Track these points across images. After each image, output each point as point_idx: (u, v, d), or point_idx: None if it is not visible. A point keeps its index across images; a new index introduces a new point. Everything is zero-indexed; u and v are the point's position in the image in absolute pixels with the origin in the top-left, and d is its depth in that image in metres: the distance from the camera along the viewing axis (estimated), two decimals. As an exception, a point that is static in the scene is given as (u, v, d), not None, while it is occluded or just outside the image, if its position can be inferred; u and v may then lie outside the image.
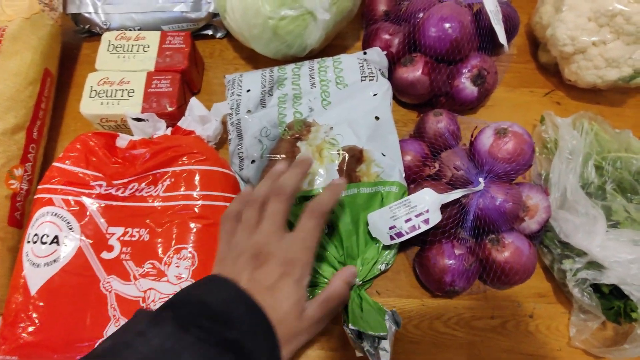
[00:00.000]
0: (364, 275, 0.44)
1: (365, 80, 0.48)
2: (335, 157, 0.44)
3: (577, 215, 0.46)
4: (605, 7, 0.49)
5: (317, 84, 0.48)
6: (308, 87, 0.48)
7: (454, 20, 0.50)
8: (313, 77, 0.49)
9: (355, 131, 0.46)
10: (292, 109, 0.47)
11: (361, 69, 0.49)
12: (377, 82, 0.48)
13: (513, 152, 0.45)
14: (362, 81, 0.48)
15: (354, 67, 0.49)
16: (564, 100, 0.60)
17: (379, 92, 0.47)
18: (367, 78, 0.48)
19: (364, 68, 0.49)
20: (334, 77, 0.48)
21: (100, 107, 0.50)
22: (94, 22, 0.58)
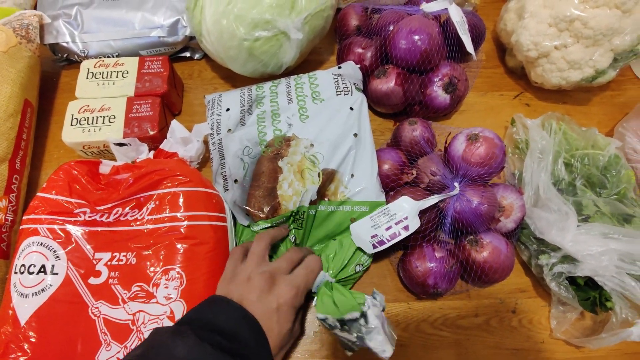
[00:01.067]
0: (337, 272, 0.46)
1: (341, 95, 0.50)
2: (316, 180, 0.46)
3: (550, 212, 0.48)
4: (563, 13, 0.52)
5: (294, 99, 0.50)
6: (285, 104, 0.49)
7: (423, 32, 0.53)
8: (290, 93, 0.50)
9: (333, 150, 0.48)
10: (271, 126, 0.48)
11: (336, 84, 0.50)
12: (352, 95, 0.49)
13: (485, 156, 0.47)
14: (338, 95, 0.50)
15: (329, 82, 0.51)
16: (533, 101, 0.63)
17: (355, 106, 0.49)
18: (342, 92, 0.50)
19: (339, 83, 0.51)
20: (310, 92, 0.50)
21: (82, 134, 0.51)
22: (72, 51, 0.58)
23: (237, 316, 0.37)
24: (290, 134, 0.49)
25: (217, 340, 0.33)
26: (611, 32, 0.51)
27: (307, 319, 0.49)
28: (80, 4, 0.57)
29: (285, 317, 0.39)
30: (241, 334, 0.35)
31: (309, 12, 0.50)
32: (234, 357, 0.33)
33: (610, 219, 0.48)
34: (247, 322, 0.36)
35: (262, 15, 0.48)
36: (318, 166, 0.47)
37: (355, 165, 0.48)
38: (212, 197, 0.45)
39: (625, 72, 0.66)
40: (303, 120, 0.48)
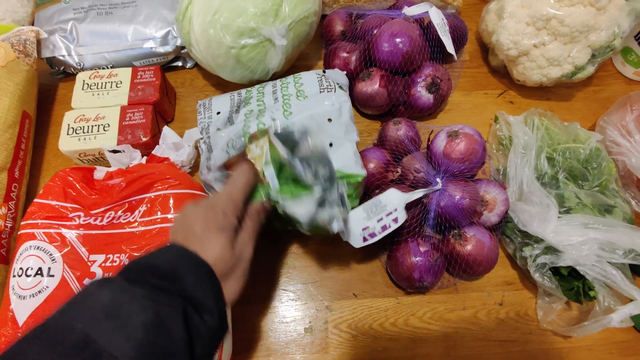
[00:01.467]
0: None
1: (324, 92, 0.50)
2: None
3: (533, 205, 0.49)
4: (540, 12, 0.53)
5: (279, 99, 0.51)
6: (272, 103, 0.50)
7: (404, 35, 0.54)
8: (276, 93, 0.52)
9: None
10: (255, 120, 0.49)
11: (320, 82, 0.51)
12: (335, 92, 0.50)
13: (465, 151, 0.48)
14: (321, 92, 0.50)
15: (312, 81, 0.52)
16: (517, 99, 0.64)
17: (335, 102, 0.50)
18: (325, 89, 0.51)
19: (322, 81, 0.52)
20: (294, 91, 0.51)
21: (78, 143, 0.53)
22: (68, 64, 0.61)
23: (175, 255, 0.33)
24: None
25: (151, 282, 0.30)
26: (587, 29, 0.53)
27: (297, 317, 0.50)
28: (75, 19, 0.60)
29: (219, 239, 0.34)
30: (179, 271, 0.32)
31: (293, 20, 0.52)
32: (169, 295, 0.30)
33: (592, 210, 0.49)
34: (185, 257, 0.33)
35: (247, 24, 0.50)
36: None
37: (332, 134, 0.48)
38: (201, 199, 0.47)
39: (607, 68, 0.67)
40: (287, 117, 0.49)
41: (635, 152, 0.53)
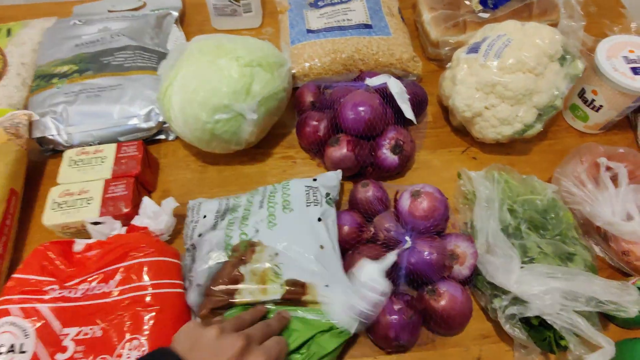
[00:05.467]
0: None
1: (310, 206, 0.52)
2: (278, 291, 0.47)
3: (497, 257, 0.51)
4: (485, 80, 0.59)
5: (264, 205, 0.53)
6: (257, 209, 0.53)
7: (365, 104, 0.60)
8: (262, 202, 0.54)
9: (299, 262, 0.49)
10: (238, 230, 0.50)
11: (307, 195, 0.54)
12: (321, 207, 0.53)
13: (428, 210, 0.51)
14: (307, 206, 0.52)
15: (300, 193, 0.54)
16: (479, 154, 0.69)
17: (323, 217, 0.52)
18: (312, 203, 0.53)
19: (310, 195, 0.54)
20: (281, 200, 0.53)
21: (61, 216, 0.55)
22: (58, 142, 0.65)
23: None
24: (256, 239, 0.50)
25: None
26: (529, 92, 0.58)
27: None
28: (66, 102, 0.65)
29: None
30: None
31: (263, 96, 0.58)
32: None
33: (553, 259, 0.51)
34: None
35: (221, 101, 0.55)
36: (281, 277, 0.48)
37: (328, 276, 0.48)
38: (176, 266, 0.49)
39: (560, 122, 0.72)
40: (270, 228, 0.50)
41: (589, 200, 0.56)
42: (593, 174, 0.58)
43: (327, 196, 0.56)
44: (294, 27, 0.76)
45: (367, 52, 0.71)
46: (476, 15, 0.73)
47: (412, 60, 0.73)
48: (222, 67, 0.56)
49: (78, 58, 0.70)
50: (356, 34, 0.73)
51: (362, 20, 0.75)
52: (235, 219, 0.53)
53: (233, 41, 0.59)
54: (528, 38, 0.59)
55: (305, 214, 0.53)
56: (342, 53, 0.71)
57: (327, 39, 0.72)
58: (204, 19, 0.88)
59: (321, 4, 0.80)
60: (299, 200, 0.54)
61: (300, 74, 0.72)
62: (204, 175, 0.67)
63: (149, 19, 0.77)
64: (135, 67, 0.68)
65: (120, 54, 0.69)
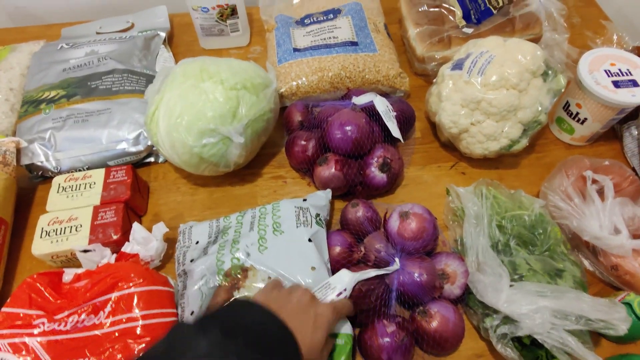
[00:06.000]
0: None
1: (301, 227, 0.53)
2: None
3: (487, 275, 0.51)
4: (470, 97, 0.60)
5: (255, 227, 0.53)
6: (247, 231, 0.53)
7: (352, 124, 0.60)
8: (253, 224, 0.54)
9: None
10: (229, 254, 0.50)
11: (297, 216, 0.54)
12: (312, 228, 0.53)
13: (417, 231, 0.51)
14: (298, 227, 0.53)
15: (290, 214, 0.54)
16: (468, 169, 0.69)
17: (313, 237, 0.52)
18: (302, 224, 0.53)
19: (300, 215, 0.54)
20: (271, 222, 0.53)
21: (50, 245, 0.55)
22: (46, 168, 0.65)
23: (265, 319, 0.37)
24: (248, 264, 0.50)
25: (242, 339, 0.33)
26: (514, 108, 0.59)
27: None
28: (54, 127, 0.65)
29: (321, 332, 0.40)
30: (269, 336, 0.36)
31: (249, 119, 0.58)
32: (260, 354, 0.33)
33: (543, 276, 0.51)
34: (277, 325, 0.37)
35: (207, 125, 0.56)
36: None
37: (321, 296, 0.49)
38: (167, 294, 0.48)
39: (547, 135, 0.73)
40: (261, 251, 0.50)
41: (576, 214, 0.56)
42: (580, 188, 0.59)
43: (317, 216, 0.56)
44: (281, 45, 0.76)
45: (354, 70, 0.72)
46: (460, 31, 0.74)
47: (399, 77, 0.74)
48: (207, 90, 0.57)
49: (66, 83, 0.70)
50: (342, 51, 0.73)
51: (348, 38, 0.75)
52: (226, 243, 0.53)
53: (217, 64, 0.60)
54: (510, 54, 0.59)
55: (295, 235, 0.53)
56: (329, 71, 0.72)
57: (313, 58, 0.73)
58: (192, 39, 0.88)
59: (308, 22, 0.80)
60: (289, 221, 0.55)
61: (288, 93, 0.72)
62: (194, 197, 0.67)
63: (136, 41, 0.77)
64: (123, 91, 0.69)
65: (107, 78, 0.70)
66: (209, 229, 0.56)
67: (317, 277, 0.50)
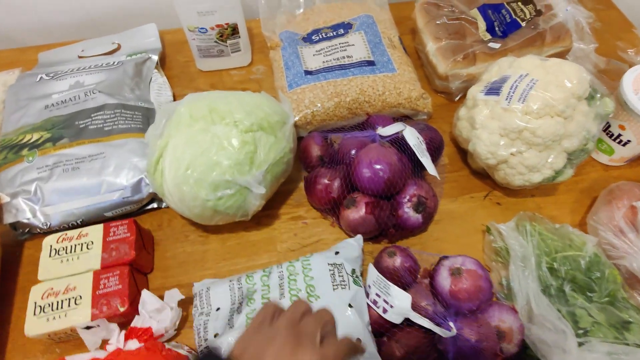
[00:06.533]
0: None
1: (338, 289, 0.47)
2: None
3: (547, 331, 0.46)
4: (510, 126, 0.54)
5: (286, 294, 0.47)
6: (277, 296, 0.47)
7: (382, 162, 0.54)
8: (283, 287, 0.48)
9: None
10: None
11: (332, 277, 0.48)
12: (350, 290, 0.47)
13: (473, 291, 0.46)
14: (335, 290, 0.47)
15: (324, 274, 0.48)
16: (503, 199, 0.64)
17: (354, 302, 0.46)
18: (339, 286, 0.47)
19: (335, 275, 0.48)
20: (304, 286, 0.47)
21: (46, 324, 0.48)
22: (34, 225, 0.57)
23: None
24: None
25: None
26: (559, 137, 0.53)
27: None
28: (39, 178, 0.57)
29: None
30: None
31: (269, 163, 0.51)
32: None
33: (609, 330, 0.46)
34: None
35: (222, 177, 0.48)
36: None
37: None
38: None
39: (582, 155, 0.68)
40: None
41: (634, 253, 0.51)
42: (631, 220, 0.54)
43: (352, 273, 0.51)
44: (290, 68, 0.69)
45: (373, 93, 0.65)
46: (486, 46, 0.68)
47: (422, 98, 0.68)
48: (219, 135, 0.50)
49: (49, 123, 0.61)
50: (359, 72, 0.67)
51: (363, 57, 0.69)
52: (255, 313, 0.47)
53: (227, 101, 0.53)
54: (553, 77, 0.54)
55: (333, 300, 0.47)
56: (346, 96, 0.65)
57: (328, 81, 0.66)
58: (186, 59, 0.80)
59: (316, 38, 0.73)
60: (324, 283, 0.49)
61: (303, 123, 0.65)
62: (206, 247, 0.60)
63: (126, 68, 0.69)
64: (117, 130, 0.60)
65: (98, 116, 0.61)
66: (231, 292, 0.49)
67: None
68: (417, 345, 0.45)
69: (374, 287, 0.46)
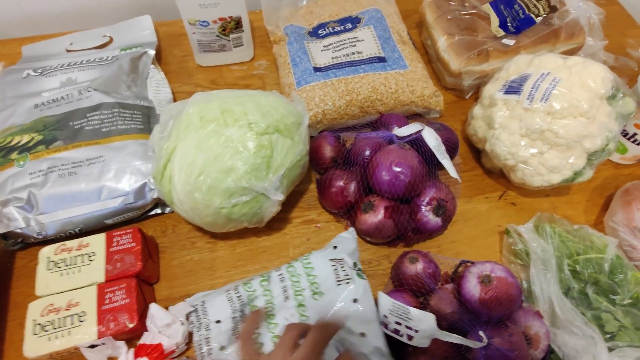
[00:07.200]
0: None
1: (342, 284, 0.46)
2: None
3: (575, 337, 0.45)
4: (532, 126, 0.53)
5: (290, 295, 0.45)
6: (282, 300, 0.45)
7: (403, 165, 0.52)
8: (286, 290, 0.46)
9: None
10: (268, 333, 0.42)
11: (335, 273, 0.47)
12: (355, 284, 0.46)
13: (505, 299, 0.44)
14: (339, 285, 0.45)
15: (327, 272, 0.47)
16: (518, 199, 0.63)
17: (358, 296, 0.45)
18: (342, 281, 0.46)
19: (338, 271, 0.47)
20: (308, 284, 0.46)
21: (47, 343, 0.44)
22: (28, 235, 0.52)
23: None
24: None
25: None
26: (581, 138, 0.52)
27: None
28: (32, 185, 0.52)
29: None
30: None
31: (286, 168, 0.48)
32: None
33: (635, 333, 0.46)
34: None
35: (238, 183, 0.45)
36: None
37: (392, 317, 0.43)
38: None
39: (593, 154, 0.68)
40: (304, 322, 0.44)
41: (655, 255, 0.51)
42: (648, 220, 0.54)
43: (355, 267, 0.49)
44: (298, 64, 0.66)
45: (385, 91, 0.63)
46: (500, 43, 0.66)
47: (434, 96, 0.66)
48: (233, 138, 0.46)
49: (41, 124, 0.56)
50: (370, 69, 0.64)
51: (374, 53, 0.66)
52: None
53: (241, 102, 0.49)
54: (577, 77, 0.52)
55: (337, 295, 0.46)
56: (358, 94, 0.62)
57: (338, 78, 0.63)
58: (184, 53, 0.76)
59: (322, 33, 0.70)
60: (328, 279, 0.47)
61: (313, 122, 0.62)
62: (214, 254, 0.57)
63: (122, 64, 0.64)
64: (117, 132, 0.56)
65: (94, 116, 0.57)
66: (229, 303, 0.47)
67: (367, 343, 0.44)
68: (445, 356, 0.44)
69: (392, 315, 0.44)
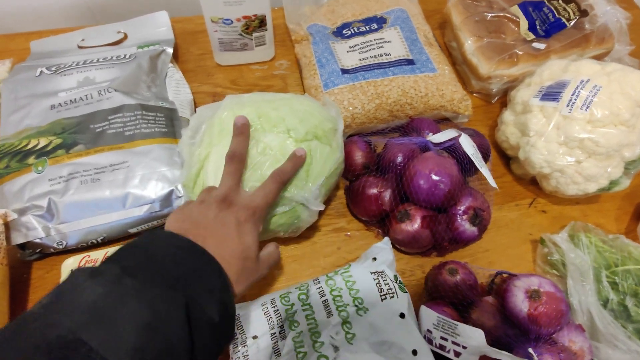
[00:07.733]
0: None
1: (386, 299, 0.44)
2: None
3: (619, 352, 0.45)
4: (572, 135, 0.52)
5: (334, 311, 0.43)
6: (324, 318, 0.43)
7: (443, 173, 0.50)
8: (328, 305, 0.43)
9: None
10: (314, 353, 0.40)
11: (378, 286, 0.45)
12: (399, 298, 0.44)
13: (554, 316, 0.43)
14: (383, 300, 0.44)
15: (369, 285, 0.45)
16: (548, 207, 0.62)
17: (405, 311, 0.43)
18: (387, 295, 0.44)
19: (381, 284, 0.45)
20: (351, 300, 0.44)
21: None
22: (47, 245, 0.50)
23: (174, 243, 0.34)
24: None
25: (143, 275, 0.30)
26: (621, 147, 0.52)
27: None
28: (52, 192, 0.49)
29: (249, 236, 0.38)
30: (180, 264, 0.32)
31: (325, 176, 0.46)
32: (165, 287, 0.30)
33: (679, 348, 0.45)
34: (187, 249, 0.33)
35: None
36: None
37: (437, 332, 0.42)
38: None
39: (620, 160, 0.67)
40: (350, 341, 0.41)
41: (693, 266, 0.51)
42: (684, 230, 0.54)
43: (396, 280, 0.47)
44: (324, 65, 0.64)
45: (415, 95, 0.61)
46: (530, 46, 0.65)
47: (463, 100, 0.64)
48: (272, 146, 0.44)
49: (59, 126, 0.53)
50: (399, 72, 0.62)
51: (402, 55, 0.64)
52: (303, 337, 0.42)
53: (276, 107, 0.47)
54: (616, 84, 0.52)
55: (383, 311, 0.44)
56: (388, 97, 0.61)
57: (367, 81, 0.61)
58: (202, 51, 0.73)
59: (347, 33, 0.68)
60: (372, 294, 0.45)
61: (342, 126, 0.60)
62: (242, 264, 0.54)
63: (141, 62, 0.61)
64: (140, 135, 0.53)
65: (116, 118, 0.54)
66: (266, 317, 0.45)
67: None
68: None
69: (437, 330, 0.43)
